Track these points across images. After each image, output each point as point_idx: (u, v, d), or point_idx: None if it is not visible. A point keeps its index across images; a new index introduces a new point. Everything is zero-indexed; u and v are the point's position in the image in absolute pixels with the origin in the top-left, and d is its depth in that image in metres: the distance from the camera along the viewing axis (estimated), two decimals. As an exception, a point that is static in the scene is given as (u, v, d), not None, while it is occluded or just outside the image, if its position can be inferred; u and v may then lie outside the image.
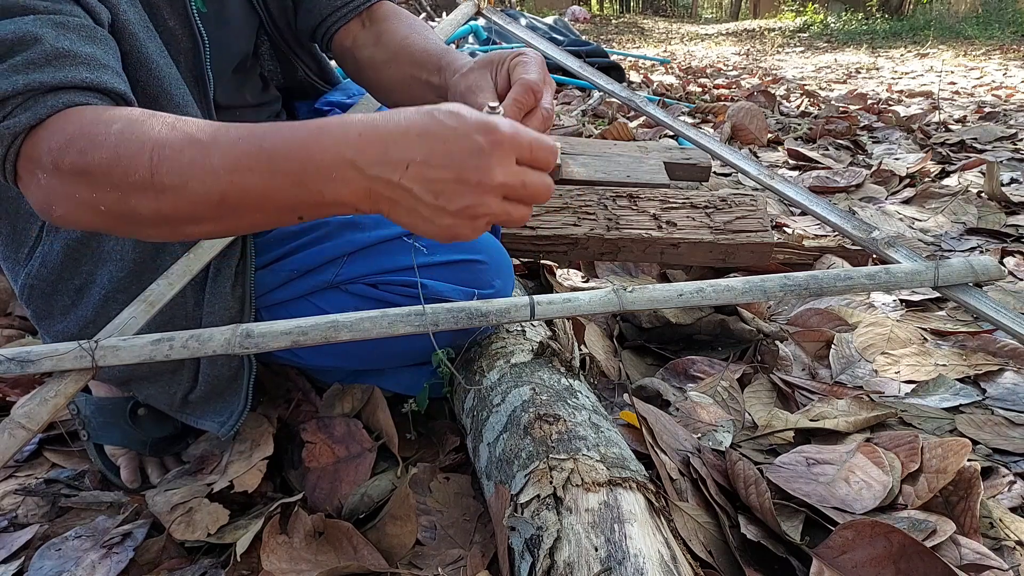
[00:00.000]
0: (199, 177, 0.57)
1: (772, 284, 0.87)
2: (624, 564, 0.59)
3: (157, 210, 0.60)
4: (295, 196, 0.57)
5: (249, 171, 0.57)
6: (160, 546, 0.86)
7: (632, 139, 2.83)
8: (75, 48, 0.63)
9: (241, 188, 0.57)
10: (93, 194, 0.60)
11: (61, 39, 0.62)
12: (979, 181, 2.37)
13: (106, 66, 0.65)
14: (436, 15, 6.47)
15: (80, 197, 0.60)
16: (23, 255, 0.87)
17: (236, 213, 0.60)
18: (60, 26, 0.63)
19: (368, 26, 0.99)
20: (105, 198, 0.60)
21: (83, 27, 0.65)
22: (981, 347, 1.28)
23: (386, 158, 0.55)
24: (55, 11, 0.64)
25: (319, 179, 0.56)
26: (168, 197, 0.58)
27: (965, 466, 0.87)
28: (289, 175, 0.56)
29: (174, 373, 0.92)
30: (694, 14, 21.39)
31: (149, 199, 0.59)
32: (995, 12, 11.88)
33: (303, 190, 0.57)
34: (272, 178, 0.57)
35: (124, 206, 0.60)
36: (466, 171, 0.54)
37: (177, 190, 0.58)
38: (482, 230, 0.59)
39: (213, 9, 0.89)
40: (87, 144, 0.59)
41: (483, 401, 0.89)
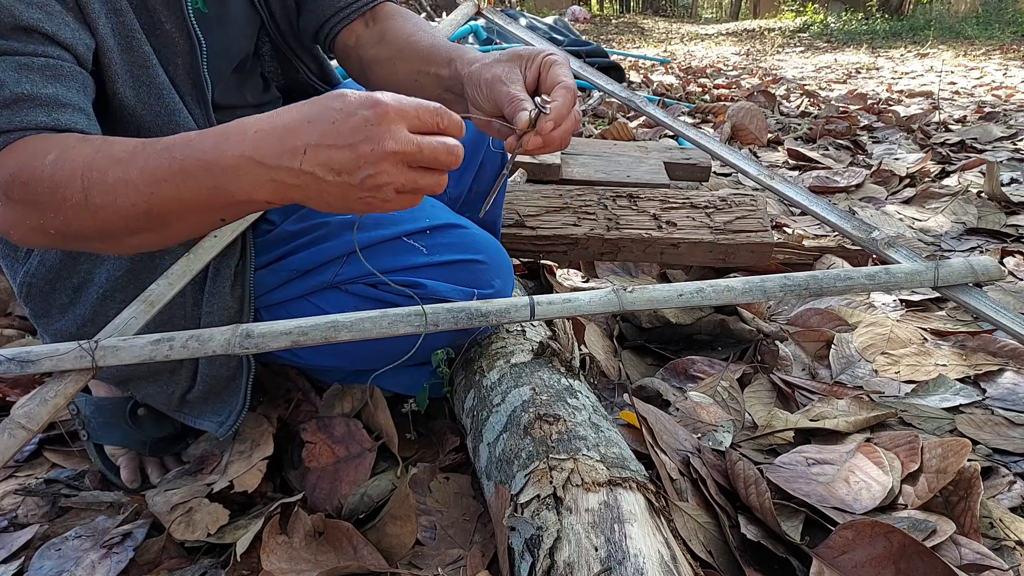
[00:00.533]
0: (123, 193, 0.62)
1: (772, 284, 0.87)
2: (624, 564, 0.59)
3: (96, 227, 0.65)
4: (209, 199, 0.61)
5: (165, 182, 0.61)
6: (160, 546, 0.86)
7: (632, 139, 2.83)
8: (36, 91, 0.66)
9: (161, 198, 0.62)
10: (41, 220, 0.64)
11: (23, 82, 0.66)
12: (979, 181, 2.37)
13: (66, 105, 0.69)
14: (436, 15, 6.47)
15: (30, 223, 0.65)
16: (22, 254, 0.88)
17: (164, 222, 0.64)
18: (24, 68, 0.66)
19: (371, 25, 0.99)
20: (52, 222, 0.64)
21: (48, 67, 0.68)
22: (981, 347, 1.28)
23: (283, 148, 0.58)
24: (23, 52, 0.67)
25: (226, 179, 0.60)
26: (102, 215, 0.63)
27: (965, 466, 0.87)
28: (199, 180, 0.60)
29: (172, 373, 0.92)
30: (694, 14, 21.39)
31: (87, 219, 0.64)
32: (995, 12, 11.88)
33: (215, 193, 0.61)
34: (185, 185, 0.61)
35: (69, 227, 0.65)
36: (358, 144, 0.57)
37: (107, 208, 0.62)
38: (396, 202, 0.60)
39: (215, 10, 0.89)
40: (28, 177, 0.63)
41: (483, 401, 0.89)
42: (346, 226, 0.94)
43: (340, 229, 0.94)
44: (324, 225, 0.94)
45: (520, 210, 1.47)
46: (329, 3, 0.98)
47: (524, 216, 1.46)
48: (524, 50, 0.76)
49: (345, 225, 0.94)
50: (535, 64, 0.74)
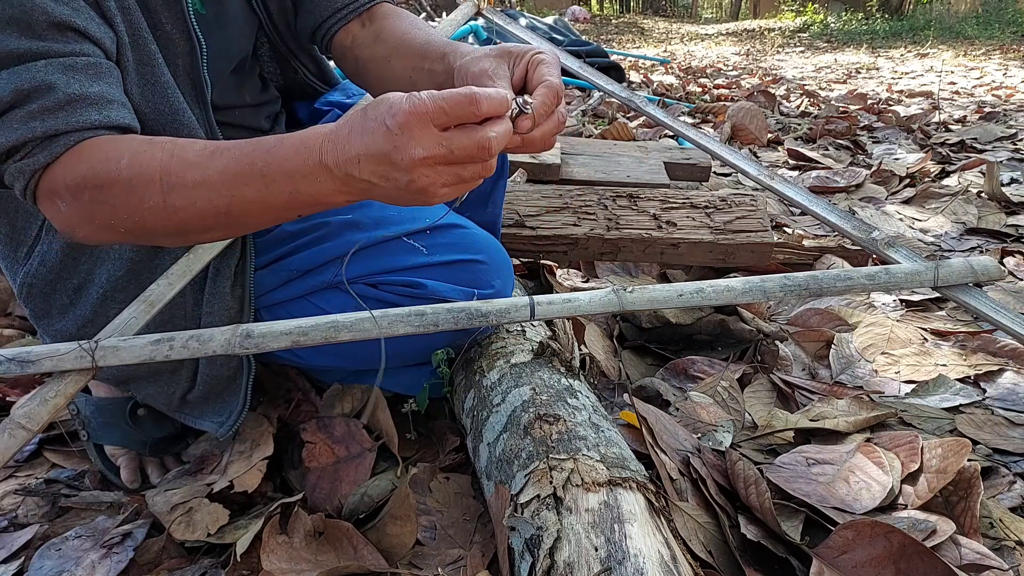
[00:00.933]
0: (204, 196, 0.66)
1: (772, 284, 0.87)
2: (624, 564, 0.59)
3: (173, 226, 0.68)
4: (289, 199, 0.65)
5: (246, 186, 0.65)
6: (160, 546, 0.86)
7: (632, 139, 2.84)
8: (84, 90, 0.69)
9: (242, 200, 0.65)
10: (112, 220, 0.68)
11: (72, 83, 0.68)
12: (979, 181, 2.37)
13: (112, 101, 0.71)
14: (436, 15, 6.47)
15: (100, 222, 0.69)
16: (22, 254, 0.88)
17: (242, 219, 0.68)
18: (70, 69, 0.68)
19: (368, 25, 0.99)
20: (124, 221, 0.68)
21: (90, 65, 0.70)
22: (981, 347, 1.28)
23: (342, 157, 0.61)
24: (65, 53, 0.69)
25: (305, 184, 0.63)
26: (180, 215, 0.67)
27: (965, 466, 0.87)
28: (281, 185, 0.64)
29: (173, 373, 0.92)
30: (694, 14, 21.39)
31: (164, 219, 0.67)
32: (995, 12, 11.88)
33: (295, 196, 0.64)
34: (267, 189, 0.64)
35: (142, 226, 0.68)
36: (391, 154, 0.58)
37: (187, 209, 0.66)
38: (449, 194, 0.62)
39: (212, 11, 0.89)
40: (102, 181, 0.66)
41: (483, 401, 0.89)
42: (346, 226, 0.94)
43: (340, 229, 0.94)
44: (324, 225, 0.94)
45: (520, 210, 1.47)
46: (326, 4, 0.98)
47: (524, 216, 1.46)
48: (514, 47, 0.76)
49: (345, 225, 0.94)
50: (523, 61, 0.73)
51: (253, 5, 0.97)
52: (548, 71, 0.71)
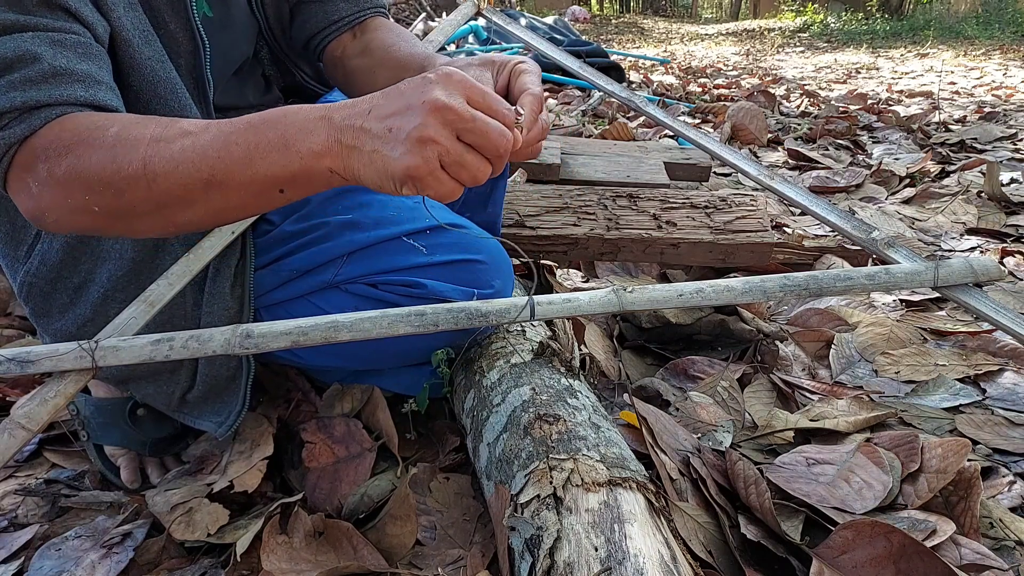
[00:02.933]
0: (189, 159, 0.62)
1: (772, 284, 0.87)
2: (624, 564, 0.59)
3: (149, 198, 0.64)
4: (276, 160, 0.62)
5: (235, 144, 0.62)
6: (160, 546, 0.86)
7: (632, 139, 2.83)
8: (72, 66, 0.66)
9: (228, 160, 0.62)
10: (86, 196, 0.63)
11: (59, 57, 0.65)
12: (979, 181, 2.37)
13: (101, 82, 0.68)
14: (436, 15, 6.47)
15: (73, 202, 0.64)
16: (22, 253, 0.88)
17: (223, 190, 0.64)
18: (58, 44, 0.65)
19: (358, 37, 1.03)
20: (98, 198, 0.63)
21: (79, 44, 0.68)
22: (981, 347, 1.28)
23: (353, 111, 0.61)
24: (54, 28, 0.66)
25: (297, 136, 0.61)
26: (160, 183, 0.63)
27: (965, 466, 0.87)
28: (270, 139, 0.61)
29: (172, 373, 0.92)
30: (694, 14, 21.38)
31: (142, 188, 0.63)
32: (995, 12, 11.87)
33: (284, 153, 0.61)
34: (256, 144, 0.62)
35: (118, 201, 0.64)
36: (412, 98, 0.58)
37: (168, 175, 0.62)
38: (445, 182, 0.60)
39: (219, 14, 0.90)
40: (84, 149, 0.62)
41: (483, 401, 0.89)
42: (346, 226, 0.94)
43: (340, 229, 0.94)
44: (324, 225, 0.94)
45: (520, 210, 1.47)
46: (321, 16, 1.00)
47: (524, 216, 1.46)
48: (497, 57, 0.77)
49: (345, 225, 0.94)
50: (506, 71, 0.74)
51: (254, 10, 0.98)
52: (530, 80, 0.72)
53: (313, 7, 1.00)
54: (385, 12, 1.06)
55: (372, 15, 1.03)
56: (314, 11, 1.01)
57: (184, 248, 0.87)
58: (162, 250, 0.87)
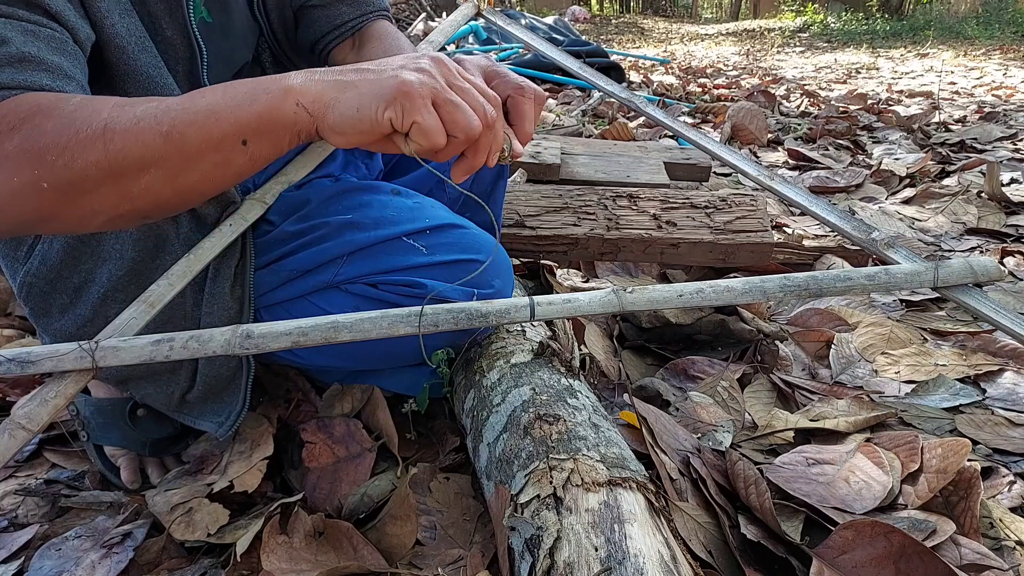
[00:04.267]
0: (151, 115, 0.59)
1: (772, 285, 0.87)
2: (624, 564, 0.59)
3: (103, 161, 0.60)
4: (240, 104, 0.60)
5: (202, 96, 0.61)
6: (160, 546, 0.86)
7: (632, 139, 2.83)
8: (42, 55, 0.63)
9: (190, 112, 0.60)
10: (36, 171, 0.59)
11: (29, 44, 0.63)
12: (979, 181, 2.37)
13: (71, 78, 0.66)
14: (436, 15, 6.47)
15: (19, 179, 0.59)
16: (22, 253, 0.88)
17: (181, 148, 0.61)
18: (31, 34, 0.64)
19: (359, 43, 1.03)
20: (48, 171, 0.59)
21: (54, 38, 0.66)
22: (981, 347, 1.28)
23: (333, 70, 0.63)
24: (31, 21, 0.65)
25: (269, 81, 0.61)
26: (117, 142, 0.59)
27: (965, 466, 0.87)
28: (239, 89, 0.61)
29: (172, 373, 0.92)
30: (694, 14, 21.38)
31: (98, 150, 0.59)
32: (995, 12, 11.87)
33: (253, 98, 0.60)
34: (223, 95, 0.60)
35: (69, 172, 0.59)
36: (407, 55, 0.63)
37: (127, 132, 0.59)
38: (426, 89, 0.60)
39: (219, 19, 0.90)
40: (41, 119, 0.59)
41: (483, 401, 0.89)
42: (346, 226, 0.94)
43: (340, 229, 0.94)
44: (324, 225, 0.94)
45: (520, 210, 1.47)
46: (324, 21, 1.01)
47: (524, 216, 1.46)
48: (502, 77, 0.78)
49: (345, 225, 0.94)
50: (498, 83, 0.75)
51: (256, 14, 0.98)
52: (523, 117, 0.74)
53: (317, 12, 1.01)
54: (388, 15, 1.06)
55: (375, 18, 1.03)
56: (318, 16, 1.01)
57: (184, 248, 0.87)
58: (162, 250, 0.87)
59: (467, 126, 0.61)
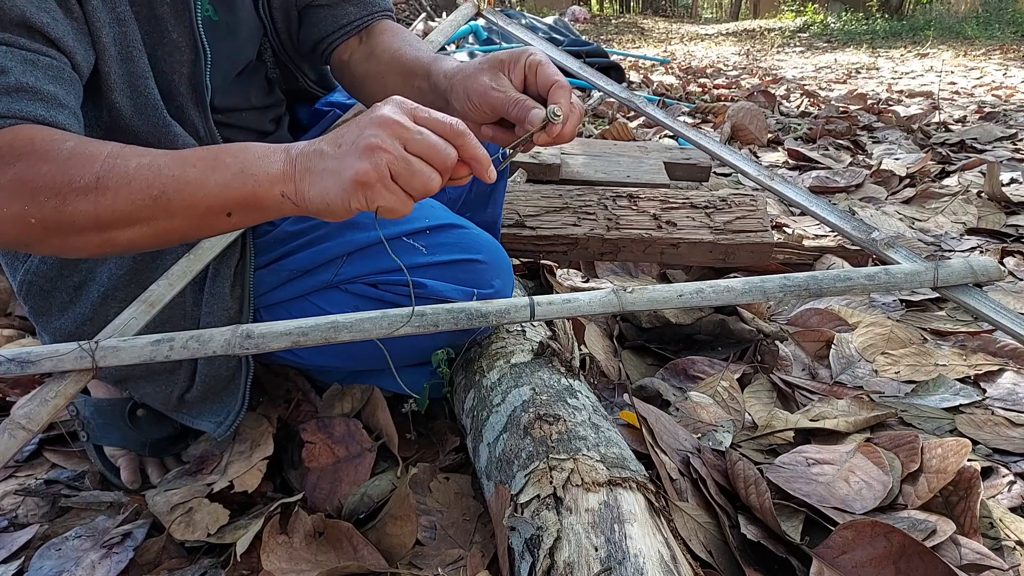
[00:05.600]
0: (143, 176, 0.62)
1: (772, 285, 0.87)
2: (624, 564, 0.59)
3: (92, 213, 0.63)
4: (229, 183, 0.63)
5: (192, 166, 0.63)
6: (160, 546, 0.86)
7: (632, 139, 2.83)
8: (39, 85, 0.66)
9: (181, 180, 0.63)
10: (26, 206, 0.62)
11: (28, 74, 0.65)
12: (979, 181, 2.37)
13: (64, 106, 0.68)
14: (436, 15, 6.47)
15: (9, 211, 0.62)
16: (22, 252, 0.88)
17: (169, 210, 0.64)
18: (30, 63, 0.66)
19: (365, 41, 1.02)
20: (39, 209, 0.62)
21: (52, 67, 0.68)
22: (981, 347, 1.28)
23: (310, 143, 0.64)
24: (29, 49, 0.67)
25: (255, 163, 0.63)
26: (108, 198, 0.62)
27: (965, 466, 0.87)
28: (228, 163, 0.63)
29: (171, 373, 0.92)
30: (694, 14, 21.39)
31: (89, 202, 0.62)
32: (995, 12, 11.87)
33: (239, 177, 0.63)
34: (212, 167, 0.63)
35: (59, 215, 0.62)
36: (361, 121, 0.62)
37: (118, 190, 0.62)
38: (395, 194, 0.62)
39: (225, 18, 0.90)
40: (35, 160, 0.62)
41: (483, 401, 0.89)
42: (346, 226, 0.94)
43: (340, 229, 0.94)
44: (324, 225, 0.94)
45: (520, 210, 1.47)
46: (330, 20, 1.00)
47: (524, 216, 1.46)
48: (503, 54, 0.77)
49: (345, 225, 0.94)
50: (519, 66, 0.75)
51: (261, 14, 0.98)
52: (552, 72, 0.74)
53: (321, 11, 1.00)
54: (392, 15, 1.06)
55: (380, 18, 1.03)
56: (322, 15, 1.00)
57: (185, 248, 0.87)
58: (162, 251, 0.87)
59: (426, 188, 0.63)
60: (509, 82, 0.75)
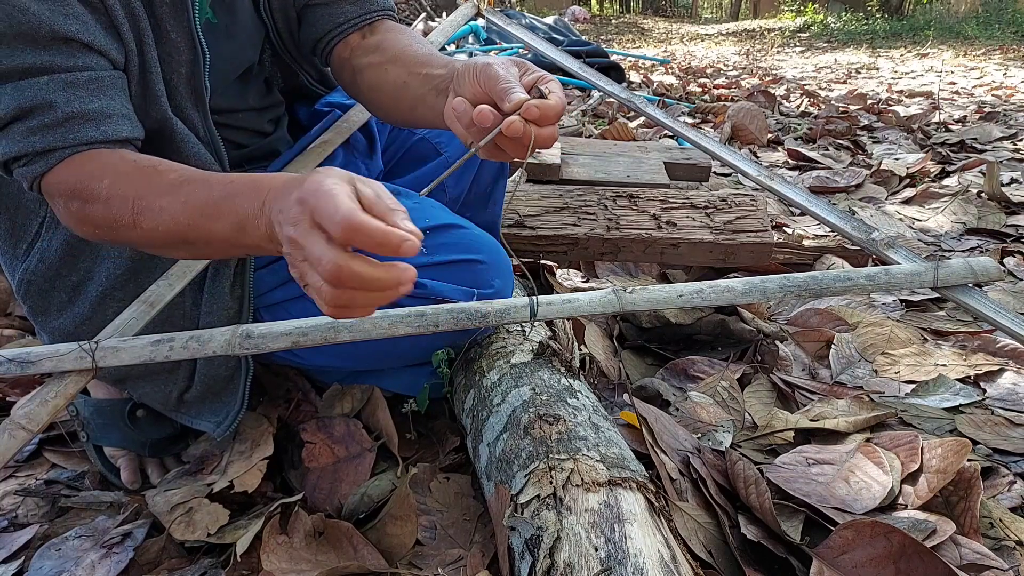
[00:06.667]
0: (168, 221, 0.70)
1: (772, 285, 0.87)
2: (624, 564, 0.59)
3: (140, 241, 0.75)
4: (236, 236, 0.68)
5: (204, 217, 0.69)
6: (160, 546, 0.86)
7: (632, 139, 2.83)
8: (83, 107, 0.72)
9: (199, 229, 0.70)
10: (95, 228, 0.74)
11: (72, 101, 0.71)
12: (979, 181, 2.37)
13: (110, 115, 0.74)
14: (436, 15, 6.47)
15: (86, 229, 0.76)
16: (21, 251, 0.88)
17: (198, 246, 0.73)
18: (71, 85, 0.71)
19: (368, 37, 1.01)
20: (104, 232, 0.75)
21: (91, 80, 0.73)
22: (981, 347, 1.28)
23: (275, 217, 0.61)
24: (67, 68, 0.71)
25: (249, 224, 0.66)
26: (147, 235, 0.72)
27: (965, 466, 0.87)
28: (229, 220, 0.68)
29: (170, 372, 0.92)
30: (694, 14, 21.39)
31: (135, 236, 0.73)
32: (995, 12, 11.87)
33: (240, 233, 0.68)
34: (220, 223, 0.68)
35: (117, 238, 0.75)
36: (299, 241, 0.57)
37: (154, 231, 0.71)
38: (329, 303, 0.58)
39: (224, 20, 0.90)
40: (87, 196, 0.72)
41: (483, 401, 0.89)
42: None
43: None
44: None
45: (520, 210, 1.47)
46: (327, 19, 1.00)
47: (524, 216, 1.46)
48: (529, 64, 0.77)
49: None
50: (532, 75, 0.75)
51: (262, 15, 0.98)
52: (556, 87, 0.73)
53: (319, 10, 1.00)
54: (393, 15, 1.05)
55: (380, 18, 1.02)
56: (320, 14, 1.00)
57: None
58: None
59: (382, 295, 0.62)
60: (518, 74, 0.74)
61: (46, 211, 0.86)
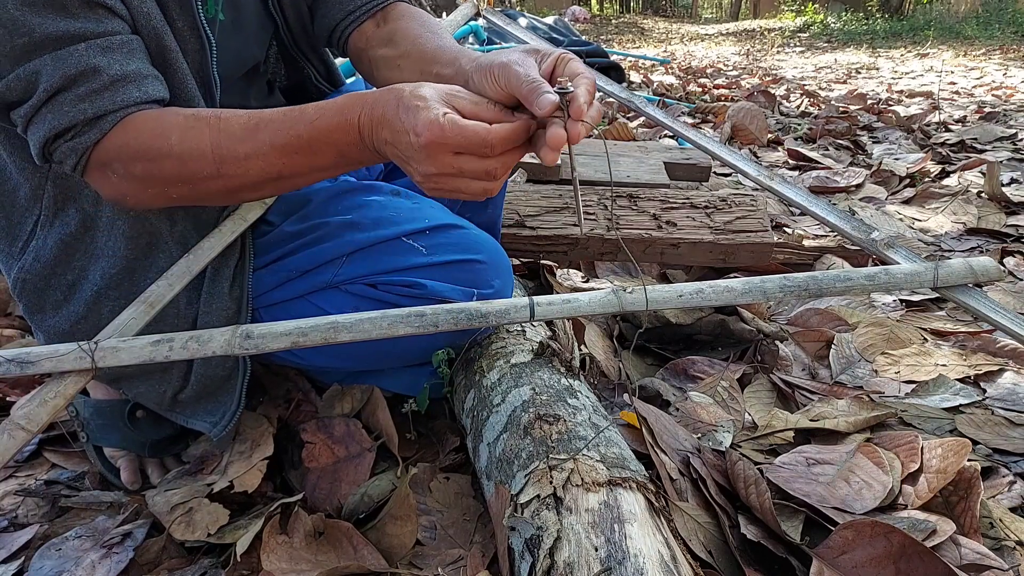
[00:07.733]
0: (257, 166, 0.73)
1: (772, 285, 0.87)
2: (624, 564, 0.59)
3: (224, 189, 0.76)
4: (335, 161, 0.74)
5: (296, 154, 0.73)
6: (160, 546, 0.86)
7: (632, 139, 2.83)
8: (124, 69, 0.73)
9: (292, 165, 0.74)
10: (165, 187, 0.75)
11: (113, 65, 0.72)
12: (979, 181, 2.37)
13: (147, 76, 0.76)
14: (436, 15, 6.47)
15: (152, 191, 0.76)
16: (17, 249, 0.88)
17: (292, 180, 0.77)
18: (107, 50, 0.72)
19: (382, 26, 1.00)
20: (176, 188, 0.76)
21: (124, 44, 0.74)
22: (981, 347, 1.28)
23: (376, 138, 0.70)
24: (99, 34, 0.72)
25: (348, 150, 0.73)
26: (234, 182, 0.75)
27: (965, 466, 0.87)
28: (327, 152, 0.73)
29: (164, 372, 0.91)
30: (694, 14, 21.39)
31: (218, 185, 0.75)
32: (995, 12, 11.87)
33: (340, 158, 0.74)
34: (315, 155, 0.73)
35: (194, 192, 0.76)
36: (410, 161, 0.69)
37: (241, 176, 0.74)
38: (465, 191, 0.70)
39: (231, 17, 0.90)
40: (156, 154, 0.73)
41: (483, 401, 0.89)
42: (345, 226, 0.94)
43: (339, 229, 0.94)
44: (323, 225, 0.94)
45: (520, 210, 1.47)
46: (337, 8, 1.00)
47: (524, 216, 1.46)
48: (539, 46, 0.76)
49: (345, 225, 0.94)
50: (551, 59, 0.73)
51: (271, 11, 0.98)
52: (580, 66, 0.73)
53: (329, 0, 1.00)
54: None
55: (393, 2, 1.01)
56: (331, 4, 1.00)
57: (178, 246, 0.87)
58: (156, 248, 0.87)
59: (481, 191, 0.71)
60: (536, 66, 0.72)
61: (41, 210, 0.85)
